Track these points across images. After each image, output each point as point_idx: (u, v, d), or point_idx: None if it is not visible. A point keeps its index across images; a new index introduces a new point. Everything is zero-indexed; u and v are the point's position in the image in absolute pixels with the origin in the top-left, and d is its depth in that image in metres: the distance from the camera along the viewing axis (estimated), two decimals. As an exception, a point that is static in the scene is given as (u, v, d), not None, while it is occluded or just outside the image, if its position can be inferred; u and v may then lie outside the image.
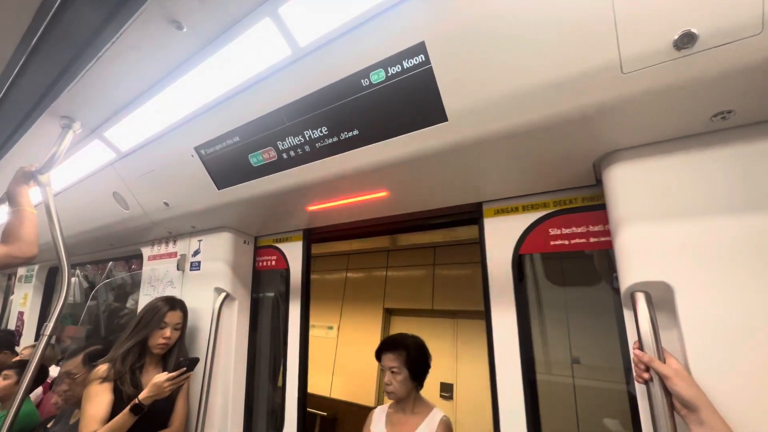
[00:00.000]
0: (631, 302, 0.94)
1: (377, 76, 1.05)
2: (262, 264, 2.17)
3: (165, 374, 1.51)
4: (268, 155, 1.38)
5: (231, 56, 1.14)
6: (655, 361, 0.85)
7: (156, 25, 1.05)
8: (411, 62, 0.99)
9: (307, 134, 1.25)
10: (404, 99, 1.05)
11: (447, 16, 0.90)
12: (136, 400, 1.44)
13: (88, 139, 1.65)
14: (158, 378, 1.49)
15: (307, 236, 2.02)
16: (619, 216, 1.01)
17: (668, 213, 0.94)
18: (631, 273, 0.96)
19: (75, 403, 1.75)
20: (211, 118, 1.38)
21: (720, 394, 0.79)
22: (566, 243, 1.29)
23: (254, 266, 2.16)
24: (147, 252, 2.44)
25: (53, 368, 2.77)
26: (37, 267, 3.67)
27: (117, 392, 1.51)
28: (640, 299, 0.92)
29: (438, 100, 1.01)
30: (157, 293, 2.21)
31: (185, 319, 1.79)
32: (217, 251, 2.02)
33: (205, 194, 1.67)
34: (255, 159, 1.42)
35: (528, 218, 1.35)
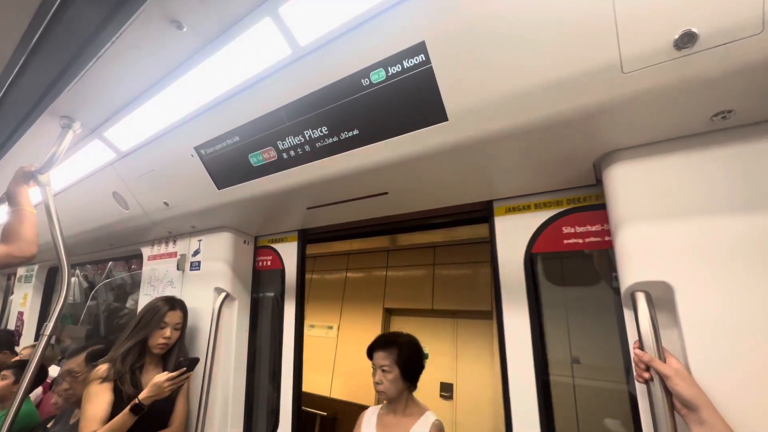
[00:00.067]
0: (632, 302, 0.94)
1: (377, 76, 1.04)
2: (262, 264, 2.17)
3: (165, 374, 1.50)
4: (268, 155, 1.38)
5: (231, 56, 1.14)
6: (656, 361, 0.85)
7: (156, 25, 1.05)
8: (411, 62, 0.99)
9: (308, 134, 1.25)
10: (404, 99, 1.05)
11: (447, 16, 0.90)
12: (136, 400, 1.44)
13: (88, 139, 1.65)
14: (158, 378, 1.49)
15: (302, 237, 2.02)
16: (619, 216, 1.01)
17: (668, 213, 0.94)
18: (632, 273, 0.96)
19: (75, 402, 1.75)
20: (211, 118, 1.38)
21: (720, 394, 0.80)
22: (580, 242, 1.25)
23: (254, 266, 2.16)
24: (147, 252, 2.44)
25: (53, 368, 2.77)
26: (37, 267, 3.66)
27: (117, 392, 1.51)
28: (641, 299, 0.92)
29: (438, 100, 1.01)
30: (157, 293, 2.21)
31: (185, 319, 1.79)
32: (217, 251, 2.02)
33: (205, 194, 1.67)
34: (255, 159, 1.42)
35: (540, 216, 1.32)
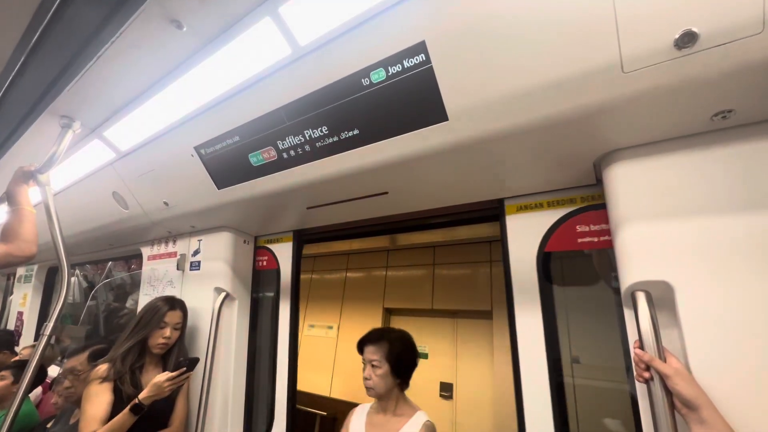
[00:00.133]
0: (632, 301, 0.94)
1: (378, 76, 1.04)
2: (261, 264, 2.17)
3: (165, 374, 1.50)
4: (268, 155, 1.38)
5: (231, 55, 1.13)
6: (656, 361, 0.85)
7: (156, 25, 1.05)
8: (411, 62, 0.99)
9: (308, 134, 1.25)
10: (405, 98, 1.05)
11: (448, 16, 0.89)
12: (136, 400, 1.44)
13: (88, 139, 1.65)
14: (158, 378, 1.49)
15: (297, 237, 2.03)
16: (620, 215, 1.01)
17: (669, 212, 0.94)
18: (632, 272, 0.96)
19: (76, 402, 1.75)
20: (211, 118, 1.38)
21: (720, 393, 0.80)
22: (595, 240, 1.22)
23: (254, 266, 2.16)
24: (147, 252, 2.44)
25: (52, 368, 2.77)
26: (37, 267, 3.66)
27: (117, 392, 1.51)
28: (641, 298, 0.92)
29: (438, 100, 1.01)
30: (157, 293, 2.21)
31: (185, 319, 1.79)
32: (217, 251, 2.02)
33: (205, 194, 1.67)
34: (255, 158, 1.42)
35: (553, 215, 1.30)
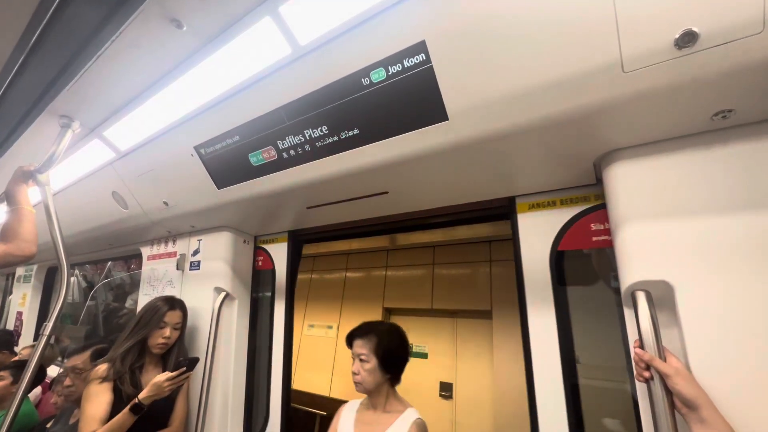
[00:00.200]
0: (632, 301, 0.94)
1: (378, 75, 1.04)
2: (260, 264, 2.17)
3: (165, 374, 1.50)
4: (268, 154, 1.38)
5: (231, 55, 1.13)
6: (656, 360, 0.85)
7: (156, 24, 1.05)
8: (412, 61, 0.99)
9: (308, 133, 1.25)
10: (405, 98, 1.05)
11: (448, 16, 0.89)
12: (136, 400, 1.44)
13: (88, 139, 1.65)
14: (158, 378, 1.49)
15: (292, 238, 2.03)
16: (620, 215, 1.01)
17: (669, 212, 0.94)
18: (632, 272, 0.96)
19: (76, 400, 1.74)
20: (211, 117, 1.38)
21: (720, 393, 0.80)
22: (610, 238, 1.18)
23: (254, 266, 2.16)
24: (146, 252, 2.43)
25: (52, 368, 2.77)
26: (36, 267, 3.66)
27: (117, 392, 1.51)
28: (641, 298, 0.92)
29: (438, 100, 1.01)
30: (157, 293, 2.21)
31: (185, 319, 1.79)
32: (217, 251, 2.01)
33: (205, 194, 1.67)
34: (255, 158, 1.41)
35: (567, 213, 1.27)
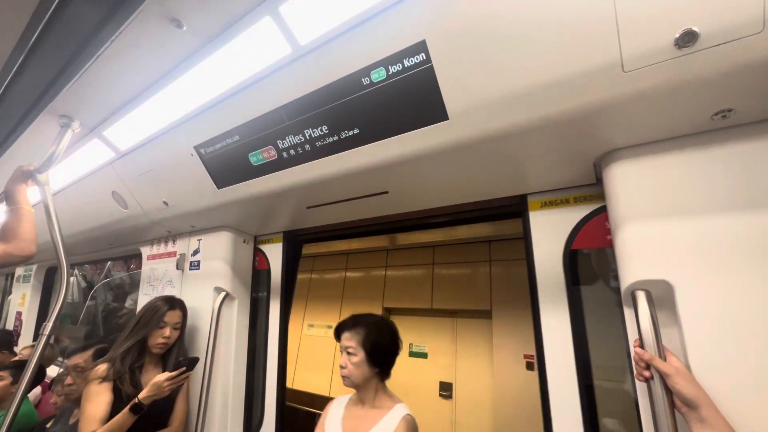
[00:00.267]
0: (632, 300, 0.94)
1: (378, 75, 1.04)
2: (260, 263, 2.17)
3: (165, 374, 1.50)
4: (268, 154, 1.38)
5: (231, 55, 1.13)
6: (656, 359, 0.85)
7: (155, 24, 1.04)
8: (412, 61, 0.99)
9: (308, 133, 1.25)
10: (405, 98, 1.05)
11: (448, 15, 0.89)
12: (136, 400, 1.44)
13: (87, 138, 1.65)
14: (158, 378, 1.49)
15: (287, 238, 2.03)
16: (620, 214, 1.01)
17: (669, 211, 0.94)
18: (632, 271, 0.96)
19: (76, 400, 1.74)
20: (211, 117, 1.38)
21: (720, 392, 0.80)
22: None
23: (254, 265, 2.16)
24: (146, 251, 2.43)
25: (51, 368, 2.76)
26: (36, 267, 3.65)
27: (116, 392, 1.51)
28: (641, 297, 0.92)
29: (439, 99, 1.01)
30: (157, 293, 2.21)
31: (185, 319, 1.78)
32: (217, 251, 2.01)
33: (205, 193, 1.67)
34: (255, 158, 1.41)
35: (581, 210, 1.25)
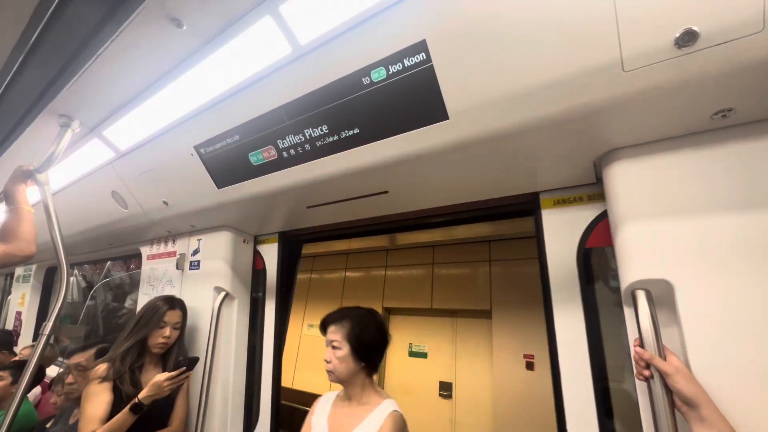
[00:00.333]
0: (632, 300, 0.94)
1: (378, 75, 1.04)
2: (260, 263, 2.17)
3: (165, 374, 1.50)
4: (268, 154, 1.38)
5: (231, 54, 1.13)
6: (656, 359, 0.86)
7: (156, 23, 1.04)
8: (412, 60, 0.99)
9: (308, 133, 1.25)
10: (405, 97, 1.05)
11: (449, 15, 0.89)
12: (136, 400, 1.44)
13: (87, 138, 1.65)
14: (158, 377, 1.49)
15: (283, 238, 2.03)
16: (620, 214, 1.01)
17: (669, 211, 0.94)
18: (632, 271, 0.96)
19: (77, 399, 1.74)
20: (211, 117, 1.38)
21: (720, 391, 0.80)
22: None
23: (254, 265, 2.16)
24: (146, 251, 2.43)
25: (51, 368, 2.76)
26: (35, 267, 3.65)
27: (116, 392, 1.51)
28: (641, 297, 0.92)
29: (439, 99, 1.01)
30: (156, 292, 2.21)
31: (185, 319, 1.78)
32: (217, 250, 2.01)
33: (205, 193, 1.67)
34: (255, 158, 1.41)
35: (596, 209, 1.23)
